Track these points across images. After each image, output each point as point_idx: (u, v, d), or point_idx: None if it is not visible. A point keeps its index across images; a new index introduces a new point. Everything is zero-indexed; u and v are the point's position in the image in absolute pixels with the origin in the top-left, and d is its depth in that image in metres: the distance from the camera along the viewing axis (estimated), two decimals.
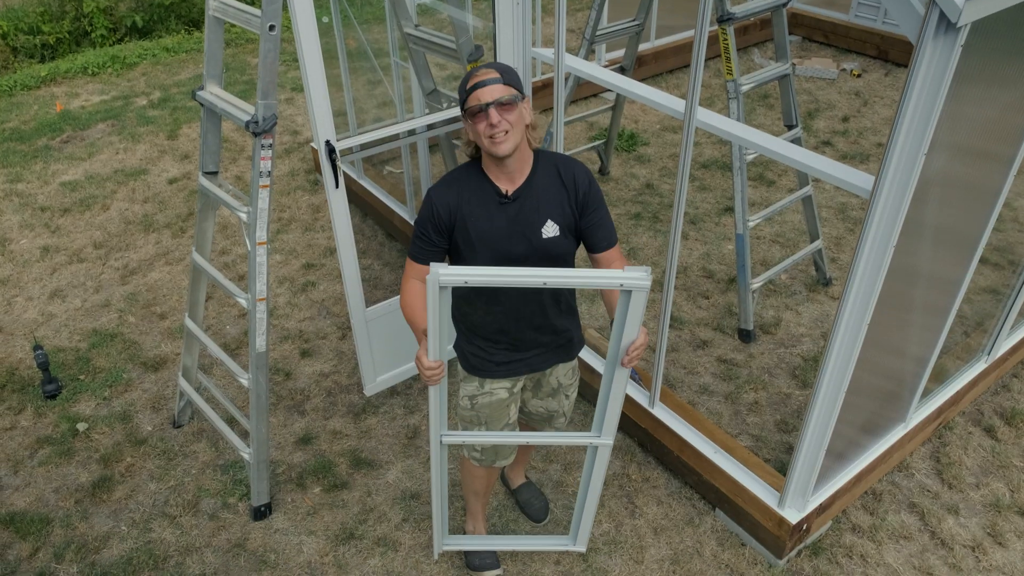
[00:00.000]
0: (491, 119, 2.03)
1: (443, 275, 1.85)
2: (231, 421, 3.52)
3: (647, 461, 3.29)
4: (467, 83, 2.08)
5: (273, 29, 2.34)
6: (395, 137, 3.28)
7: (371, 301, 3.48)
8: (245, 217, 2.65)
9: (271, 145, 2.54)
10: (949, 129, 2.01)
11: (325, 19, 4.25)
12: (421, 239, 2.23)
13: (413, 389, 3.70)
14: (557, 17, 2.82)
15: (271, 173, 2.57)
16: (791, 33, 7.62)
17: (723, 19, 3.43)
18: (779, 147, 2.45)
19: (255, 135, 2.50)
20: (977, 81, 1.99)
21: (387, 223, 4.77)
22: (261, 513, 3.08)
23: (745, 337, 3.89)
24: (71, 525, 3.09)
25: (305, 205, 5.18)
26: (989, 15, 1.80)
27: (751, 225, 3.69)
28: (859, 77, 6.80)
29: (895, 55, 6.94)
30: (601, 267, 2.27)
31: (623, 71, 4.72)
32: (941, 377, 3.23)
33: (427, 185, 4.25)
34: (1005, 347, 3.45)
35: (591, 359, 3.44)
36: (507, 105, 2.04)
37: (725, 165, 5.47)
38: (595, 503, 2.50)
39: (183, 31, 8.85)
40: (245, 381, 2.90)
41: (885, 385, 2.80)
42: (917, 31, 1.78)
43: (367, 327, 3.46)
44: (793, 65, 6.85)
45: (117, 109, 6.63)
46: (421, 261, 2.24)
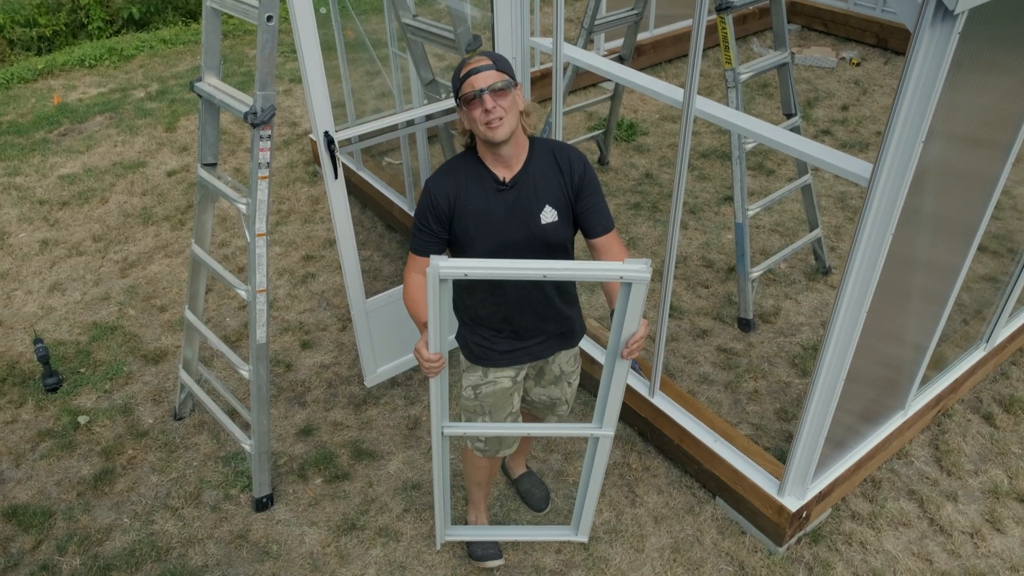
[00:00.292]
0: (486, 105, 2.05)
1: (443, 268, 1.85)
2: (232, 413, 3.53)
3: (647, 450, 3.31)
4: (460, 71, 2.09)
5: (271, 20, 2.33)
6: (394, 128, 3.28)
7: (371, 292, 3.48)
8: (244, 209, 2.65)
9: (270, 136, 2.54)
10: (947, 117, 2.01)
11: (323, 10, 4.24)
12: (421, 231, 2.24)
13: (413, 380, 3.71)
14: (556, 6, 2.82)
15: (270, 164, 2.57)
16: (790, 22, 7.59)
17: (721, 8, 3.42)
18: (778, 136, 2.45)
19: (254, 126, 2.49)
20: (974, 69, 1.99)
21: (386, 214, 4.77)
22: (263, 504, 3.10)
23: (745, 326, 3.90)
24: (73, 518, 3.10)
25: (304, 197, 5.18)
26: (986, 2, 1.79)
27: (750, 214, 3.69)
28: (858, 65, 6.78)
29: (894, 43, 6.92)
30: (599, 253, 2.28)
31: (622, 60, 4.71)
32: (940, 365, 3.24)
33: (426, 176, 4.25)
34: (1004, 335, 3.46)
35: (592, 349, 3.45)
36: (501, 91, 2.06)
37: (724, 154, 5.47)
38: (596, 494, 2.51)
39: (180, 23, 8.82)
40: (246, 373, 2.91)
41: (884, 373, 2.80)
42: (915, 19, 1.78)
43: (367, 318, 3.46)
44: (792, 54, 6.83)
45: (115, 102, 6.62)
46: (422, 253, 2.25)
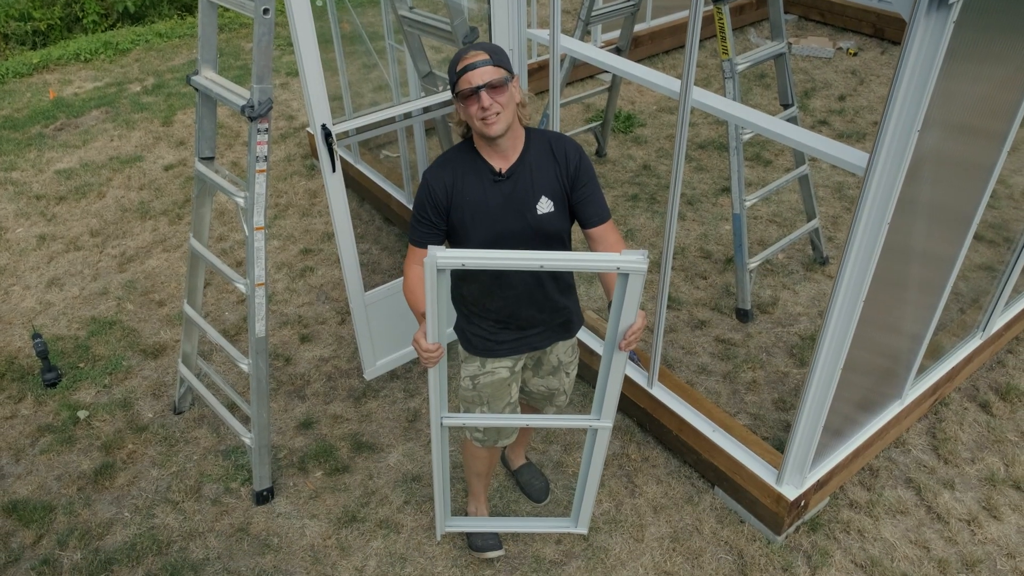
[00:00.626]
0: (483, 102, 2.05)
1: (440, 258, 1.86)
2: (232, 407, 3.54)
3: (646, 441, 3.32)
4: (456, 65, 2.08)
5: (267, 13, 2.33)
6: (391, 120, 3.28)
7: (370, 285, 3.49)
8: (242, 202, 2.65)
9: (267, 130, 2.54)
10: (942, 106, 2.01)
11: (319, 2, 4.23)
12: (420, 222, 2.24)
13: (413, 373, 3.72)
14: None
15: (267, 158, 2.57)
16: (787, 12, 7.58)
17: None
18: (775, 126, 2.45)
19: (251, 120, 2.49)
20: (969, 58, 1.99)
21: (384, 207, 4.77)
22: (263, 498, 3.11)
23: (743, 317, 3.91)
24: (74, 512, 3.11)
25: (302, 190, 5.18)
26: None
27: (748, 205, 3.69)
28: (855, 56, 6.77)
29: (891, 33, 6.91)
30: (595, 243, 2.28)
31: (619, 52, 4.70)
32: (937, 354, 3.26)
33: (424, 168, 4.25)
34: (1000, 323, 3.47)
35: (590, 340, 3.46)
36: (498, 87, 2.05)
37: (722, 145, 5.47)
38: (595, 485, 2.52)
39: (176, 16, 8.78)
40: (245, 367, 2.91)
41: (881, 362, 2.82)
42: (910, 8, 1.78)
43: (366, 311, 3.47)
44: (789, 44, 6.81)
45: (111, 96, 6.60)
46: (421, 245, 2.26)
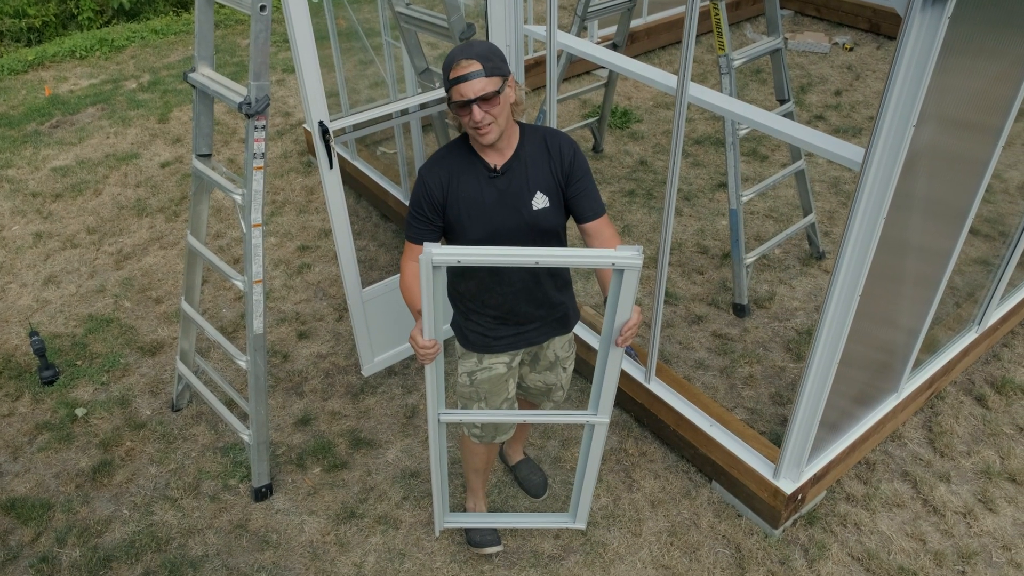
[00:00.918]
0: (474, 116, 2.04)
1: (436, 255, 1.86)
2: (230, 404, 3.54)
3: (644, 436, 3.33)
4: (449, 71, 2.05)
5: (264, 9, 2.33)
6: (388, 117, 3.28)
7: (367, 282, 3.49)
8: (240, 199, 2.65)
9: (264, 127, 2.54)
10: (937, 101, 2.02)
11: None
12: (416, 219, 2.24)
13: (411, 369, 3.73)
14: None
15: (265, 155, 2.57)
16: (783, 7, 7.58)
17: None
18: (772, 122, 2.46)
19: (248, 117, 2.49)
20: (964, 52, 2.00)
21: (381, 204, 4.77)
22: (262, 494, 3.11)
23: (739, 312, 3.92)
24: (72, 510, 3.11)
25: (299, 187, 5.17)
26: None
27: (744, 200, 3.70)
28: (851, 51, 6.78)
29: (887, 28, 6.92)
30: (590, 238, 2.29)
31: (615, 48, 4.70)
32: (932, 347, 3.27)
33: (421, 165, 4.25)
34: (995, 317, 3.49)
35: (587, 336, 3.46)
36: (490, 99, 2.03)
37: (718, 141, 5.47)
38: (593, 480, 2.53)
39: (171, 13, 8.76)
40: (243, 363, 2.92)
41: (877, 356, 2.83)
42: (905, 3, 1.78)
43: (364, 308, 3.47)
44: (785, 39, 6.82)
45: (107, 93, 6.58)
46: (418, 241, 2.26)
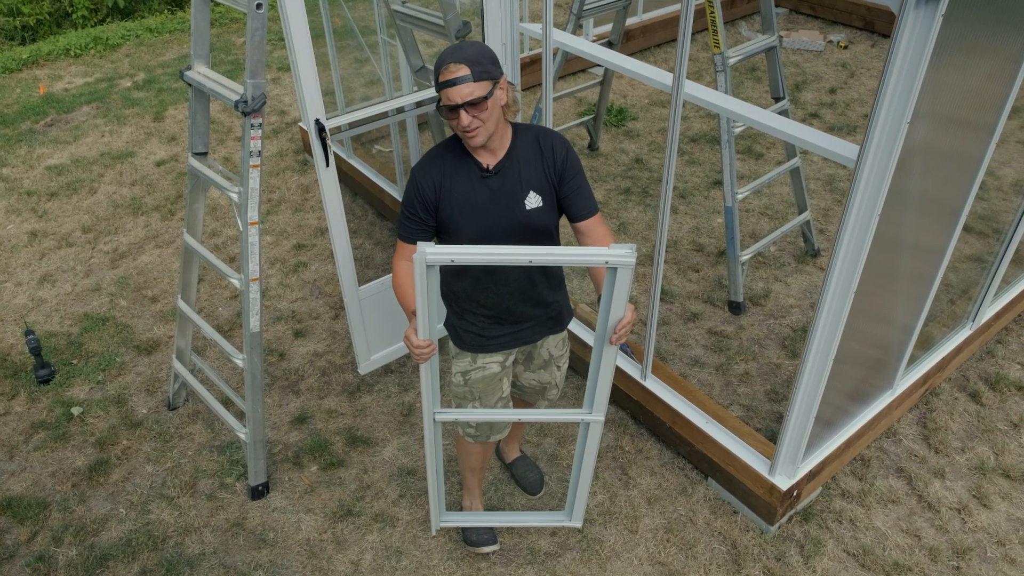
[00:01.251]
0: (462, 121, 2.05)
1: (430, 254, 1.86)
2: (226, 402, 3.54)
3: (640, 433, 3.34)
4: (438, 74, 2.04)
5: (260, 8, 2.33)
6: (384, 115, 3.28)
7: (363, 280, 3.49)
8: (236, 197, 2.65)
9: (261, 125, 2.54)
10: (931, 98, 2.03)
11: None
12: (409, 218, 2.25)
13: (407, 367, 3.73)
14: None
15: (261, 153, 2.57)
16: (778, 5, 7.59)
17: None
18: (767, 119, 2.46)
19: (244, 115, 2.49)
20: (958, 50, 2.01)
21: (377, 202, 4.77)
22: (259, 492, 3.11)
23: (735, 309, 3.93)
24: (69, 509, 3.11)
25: (295, 186, 5.17)
26: None
27: (740, 198, 3.71)
28: (846, 49, 6.80)
29: (881, 26, 6.94)
30: (584, 237, 2.29)
31: (611, 45, 4.71)
32: (927, 344, 3.28)
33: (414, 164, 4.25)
34: (989, 313, 3.50)
35: (583, 333, 3.47)
36: (479, 104, 2.03)
37: (713, 139, 5.48)
38: (589, 479, 2.53)
39: (166, 11, 8.74)
40: (240, 362, 2.92)
41: (872, 353, 2.84)
42: (899, 1, 1.79)
43: (360, 306, 3.47)
44: (780, 37, 6.83)
45: (101, 91, 6.57)
46: (411, 241, 2.26)
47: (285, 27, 2.69)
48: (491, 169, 2.19)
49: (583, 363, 3.50)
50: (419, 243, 1.86)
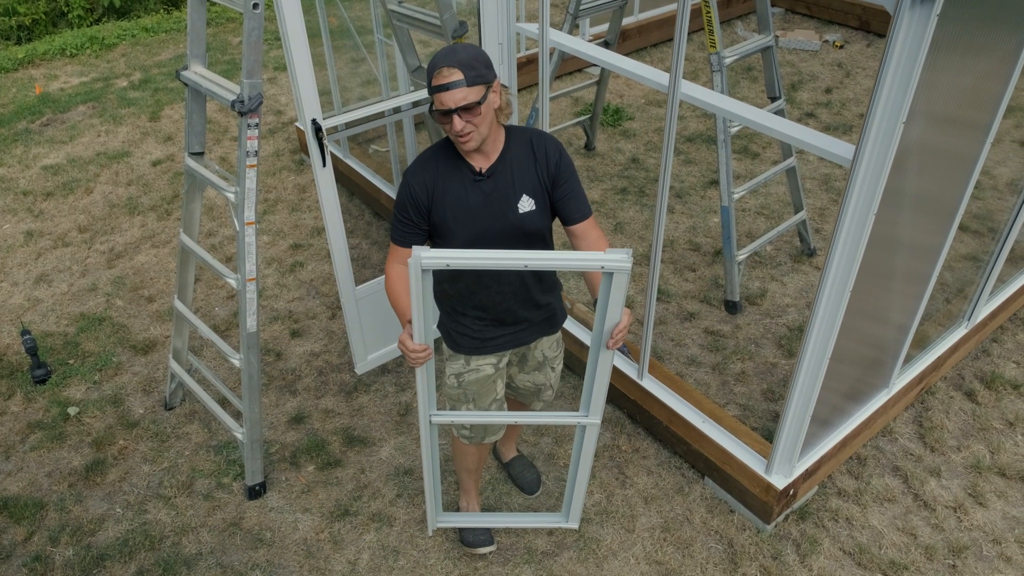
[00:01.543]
0: (455, 127, 2.03)
1: (425, 258, 1.84)
2: (223, 402, 3.54)
3: (637, 432, 3.34)
4: (431, 77, 2.02)
5: (257, 7, 2.33)
6: (380, 115, 3.28)
7: (360, 280, 3.49)
8: (232, 197, 2.65)
9: (257, 124, 2.53)
10: (927, 98, 2.03)
11: None
12: (401, 222, 2.23)
13: (404, 367, 3.73)
14: None
15: (257, 153, 2.57)
16: (773, 5, 7.60)
17: None
18: (763, 119, 2.47)
19: (241, 115, 2.49)
20: (953, 50, 2.01)
21: (374, 202, 4.77)
22: (256, 492, 3.11)
23: (731, 308, 3.94)
24: (65, 509, 3.10)
25: (291, 185, 5.17)
26: None
27: (736, 197, 3.72)
28: (841, 48, 6.81)
29: (876, 26, 6.95)
30: (577, 240, 2.28)
31: (607, 45, 4.71)
32: (923, 343, 3.29)
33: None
34: (984, 312, 3.51)
35: (580, 333, 3.47)
36: (472, 109, 2.01)
37: (710, 138, 5.49)
38: (585, 480, 2.53)
39: (162, 11, 8.73)
40: (236, 362, 2.91)
41: (868, 352, 2.85)
42: (894, 1, 1.80)
43: (357, 306, 3.47)
44: (776, 37, 6.84)
45: (97, 91, 6.55)
46: (404, 244, 2.24)
47: (281, 27, 2.69)
48: (484, 172, 2.18)
49: (580, 363, 3.50)
50: (414, 247, 1.85)
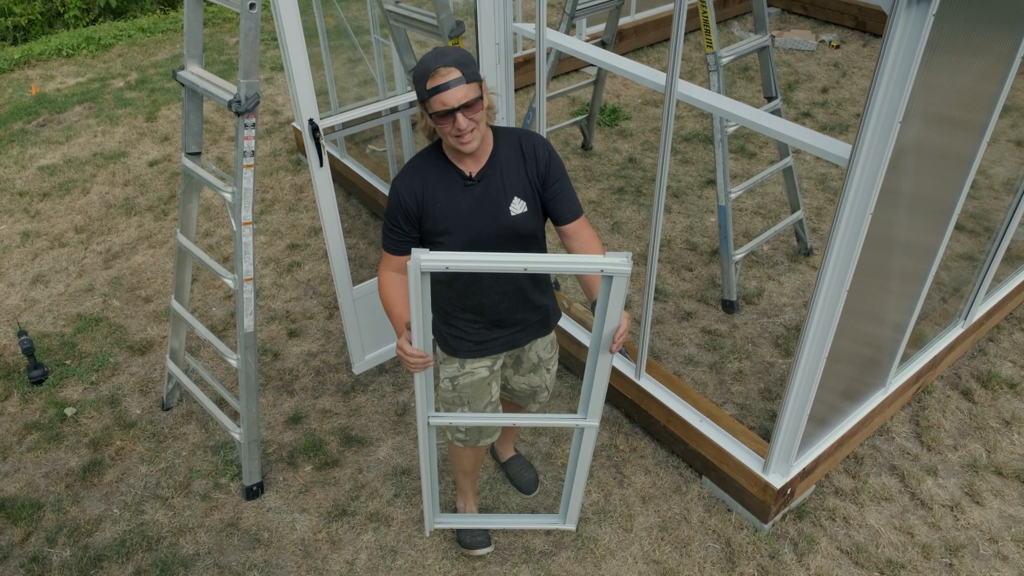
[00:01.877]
0: (459, 124, 1.99)
1: (424, 261, 1.83)
2: (220, 402, 3.54)
3: (634, 432, 3.35)
4: (426, 80, 1.98)
5: (254, 7, 2.32)
6: (377, 115, 3.28)
7: (357, 280, 3.49)
8: (230, 197, 2.65)
9: (254, 124, 2.53)
10: (923, 98, 2.04)
11: None
12: (392, 230, 2.20)
13: (401, 367, 3.73)
14: None
15: (254, 153, 2.57)
16: (770, 5, 7.61)
17: None
18: (759, 119, 2.48)
19: (238, 115, 2.49)
20: (949, 50, 2.02)
21: (371, 202, 4.77)
22: (253, 492, 3.11)
23: (728, 308, 3.94)
24: (62, 509, 3.10)
25: (288, 185, 5.16)
26: None
27: (733, 197, 3.72)
28: (837, 48, 6.82)
29: (872, 26, 6.97)
30: (569, 240, 2.26)
31: (604, 45, 4.72)
32: (919, 342, 3.30)
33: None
34: (981, 311, 3.52)
35: (578, 333, 3.48)
36: (473, 106, 2.00)
37: (707, 138, 5.50)
38: (583, 482, 2.53)
39: (159, 11, 8.72)
40: (234, 362, 2.91)
41: (865, 351, 2.85)
42: (891, 0, 1.80)
43: (354, 306, 3.47)
44: (772, 37, 6.85)
45: (94, 91, 6.54)
46: (395, 252, 2.22)
47: (278, 27, 2.69)
48: (474, 177, 2.15)
49: (578, 363, 3.51)
50: (413, 250, 1.83)
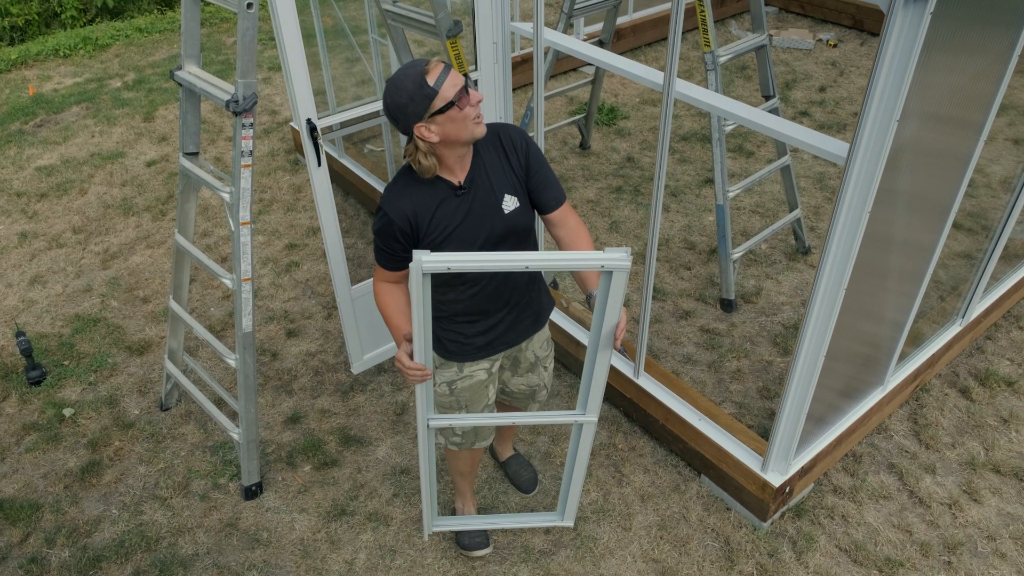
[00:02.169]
0: (473, 99, 2.00)
1: (426, 263, 1.81)
2: (219, 402, 3.53)
3: (633, 430, 3.35)
4: (423, 88, 1.96)
5: (251, 7, 2.32)
6: (375, 114, 3.28)
7: (356, 280, 3.49)
8: (228, 197, 2.65)
9: (252, 124, 2.53)
10: (920, 97, 2.04)
11: None
12: (384, 251, 2.17)
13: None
14: None
15: (252, 152, 2.57)
16: (767, 4, 7.62)
17: None
18: (757, 117, 2.48)
19: (235, 115, 2.49)
20: (946, 49, 2.02)
21: (369, 202, 4.77)
22: (252, 492, 3.11)
23: (727, 307, 3.94)
24: (61, 510, 3.10)
25: (286, 185, 5.16)
26: None
27: (731, 196, 3.73)
28: (835, 47, 6.83)
29: (870, 25, 6.97)
30: (556, 227, 2.25)
31: (602, 44, 4.72)
32: (917, 341, 3.30)
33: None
34: (979, 310, 3.53)
35: (575, 331, 3.48)
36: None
37: (704, 137, 5.50)
38: (581, 479, 2.53)
39: (156, 11, 8.71)
40: (232, 362, 2.91)
41: (863, 350, 2.85)
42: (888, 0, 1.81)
43: (352, 305, 3.47)
44: (770, 36, 6.86)
45: (91, 92, 6.54)
46: (390, 268, 2.21)
47: (276, 27, 2.69)
48: (463, 185, 2.13)
49: (577, 362, 3.51)
50: (415, 251, 1.82)
